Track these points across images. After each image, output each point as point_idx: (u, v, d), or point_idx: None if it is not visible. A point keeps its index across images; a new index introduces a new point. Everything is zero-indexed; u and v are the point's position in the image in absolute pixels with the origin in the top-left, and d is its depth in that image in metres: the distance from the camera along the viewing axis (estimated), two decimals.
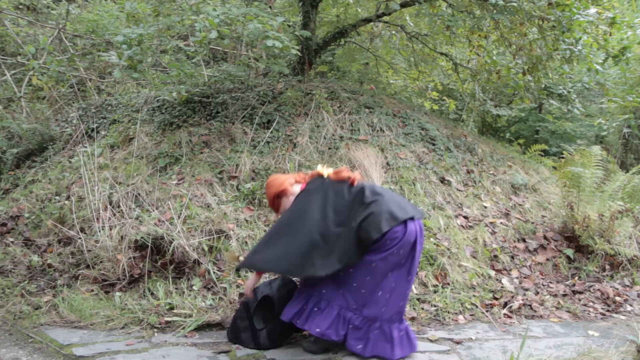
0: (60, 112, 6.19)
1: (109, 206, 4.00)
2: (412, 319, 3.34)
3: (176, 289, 3.46)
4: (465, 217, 4.44)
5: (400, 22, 6.99)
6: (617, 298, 3.82)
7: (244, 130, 4.82)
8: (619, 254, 4.22)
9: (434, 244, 3.97)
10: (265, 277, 3.30)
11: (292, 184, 2.90)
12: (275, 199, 2.91)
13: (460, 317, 3.43)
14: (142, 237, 3.60)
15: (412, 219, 2.67)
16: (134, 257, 3.58)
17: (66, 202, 4.27)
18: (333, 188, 2.76)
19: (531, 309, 3.62)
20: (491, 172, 5.22)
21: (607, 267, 4.27)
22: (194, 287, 3.46)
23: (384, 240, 2.60)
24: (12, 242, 4.06)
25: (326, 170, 2.85)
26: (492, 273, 3.97)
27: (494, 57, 6.35)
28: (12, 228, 4.25)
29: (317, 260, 2.60)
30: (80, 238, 3.80)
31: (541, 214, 4.90)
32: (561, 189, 4.74)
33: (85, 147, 4.96)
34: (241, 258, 3.57)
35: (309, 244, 2.63)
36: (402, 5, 5.48)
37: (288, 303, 2.83)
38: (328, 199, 2.72)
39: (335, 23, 6.96)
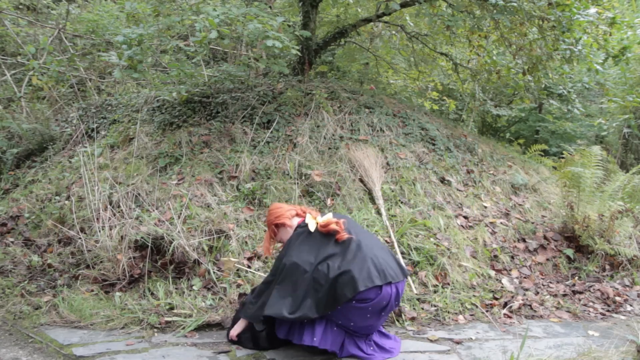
0: (60, 112, 6.19)
1: (109, 206, 4.00)
2: (412, 319, 3.34)
3: (176, 289, 3.46)
4: (465, 217, 4.44)
5: (400, 22, 6.99)
6: (617, 298, 3.82)
7: (244, 130, 4.82)
8: (619, 254, 4.22)
9: (434, 244, 3.97)
10: None
11: (292, 217, 2.99)
12: (273, 227, 3.01)
13: (460, 317, 3.43)
14: (142, 237, 3.60)
15: (389, 283, 2.69)
16: (134, 257, 3.58)
17: (66, 202, 4.27)
18: (319, 239, 2.80)
19: (531, 309, 3.62)
20: (491, 172, 5.22)
21: (607, 267, 4.27)
22: (194, 287, 3.46)
23: (356, 299, 2.64)
24: (12, 242, 4.07)
25: (313, 223, 2.87)
26: (492, 273, 3.97)
27: (494, 57, 6.35)
28: (12, 228, 4.25)
29: (293, 308, 2.67)
30: (80, 238, 3.80)
31: (541, 214, 4.90)
32: (561, 189, 4.74)
33: (85, 147, 4.96)
34: (238, 265, 3.56)
35: (285, 294, 2.70)
36: (402, 5, 5.48)
37: (277, 322, 2.84)
38: (311, 250, 2.76)
39: (335, 23, 6.96)
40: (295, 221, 2.97)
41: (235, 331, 2.95)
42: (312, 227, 2.85)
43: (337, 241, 2.77)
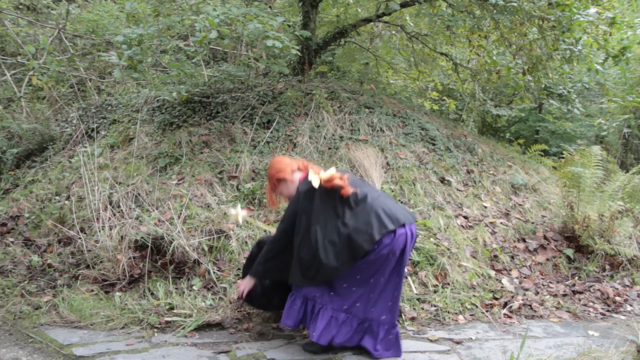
0: (60, 112, 6.19)
1: (109, 206, 4.00)
2: (412, 319, 3.34)
3: (176, 289, 3.46)
4: (465, 217, 4.44)
5: (400, 22, 6.99)
6: (617, 298, 3.82)
7: (244, 130, 4.82)
8: (619, 254, 4.22)
9: (434, 244, 3.97)
10: None
11: (294, 171, 2.91)
12: (274, 181, 2.94)
13: (460, 317, 3.43)
14: (142, 237, 3.60)
15: (403, 225, 2.69)
16: (134, 257, 3.58)
17: (66, 202, 4.27)
18: (323, 197, 2.75)
19: (531, 309, 3.62)
20: (491, 172, 5.22)
21: (607, 267, 4.27)
22: (194, 287, 3.46)
23: (372, 248, 2.63)
24: (12, 242, 4.06)
25: (317, 178, 2.80)
26: (492, 273, 3.97)
27: (494, 57, 6.35)
28: (12, 228, 4.25)
29: (306, 272, 2.70)
30: (80, 238, 3.80)
31: (541, 214, 4.90)
32: (561, 189, 4.74)
33: (85, 147, 4.96)
34: (240, 219, 3.31)
35: (299, 256, 2.72)
36: (402, 5, 5.48)
37: (285, 309, 2.84)
38: (319, 209, 2.73)
39: (335, 23, 6.96)
40: (297, 176, 2.89)
41: (244, 286, 2.94)
42: (315, 184, 2.77)
43: (343, 196, 2.72)
